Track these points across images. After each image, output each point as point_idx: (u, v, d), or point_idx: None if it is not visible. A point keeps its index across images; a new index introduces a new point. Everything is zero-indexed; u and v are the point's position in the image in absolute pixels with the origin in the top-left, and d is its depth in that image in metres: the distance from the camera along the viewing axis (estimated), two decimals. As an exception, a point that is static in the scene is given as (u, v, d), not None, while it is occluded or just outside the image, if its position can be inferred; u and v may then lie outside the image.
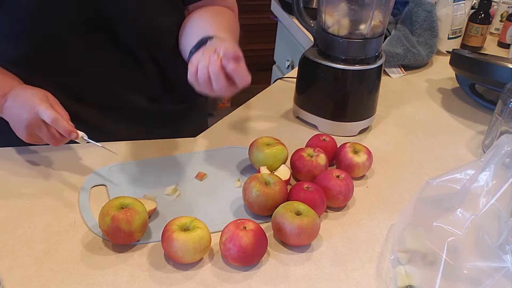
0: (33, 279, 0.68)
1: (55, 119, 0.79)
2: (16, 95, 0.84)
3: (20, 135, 0.83)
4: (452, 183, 0.74)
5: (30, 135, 0.82)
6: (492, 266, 0.63)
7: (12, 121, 0.84)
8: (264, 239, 0.73)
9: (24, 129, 0.81)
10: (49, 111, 0.79)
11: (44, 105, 0.80)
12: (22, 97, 0.83)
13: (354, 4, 0.99)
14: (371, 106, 1.08)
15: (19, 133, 0.83)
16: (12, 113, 0.83)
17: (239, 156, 0.96)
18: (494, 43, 1.65)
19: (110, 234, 0.73)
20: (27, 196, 0.83)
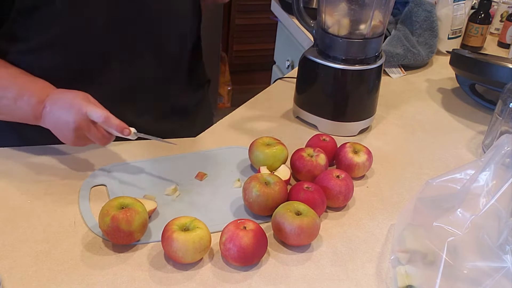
0: (33, 279, 0.68)
1: (107, 117, 0.80)
2: (56, 100, 0.83)
3: (67, 138, 0.82)
4: (452, 183, 0.74)
5: (78, 137, 0.81)
6: (492, 266, 0.63)
7: (57, 125, 0.82)
8: (264, 239, 0.73)
9: (72, 132, 0.80)
10: (99, 111, 0.79)
11: (91, 105, 0.80)
12: (63, 100, 0.82)
13: (354, 4, 0.99)
14: (371, 106, 1.08)
15: (65, 136, 0.82)
16: (56, 118, 0.82)
17: (239, 156, 0.96)
18: (494, 43, 1.65)
19: (110, 234, 0.73)
20: (27, 196, 0.83)
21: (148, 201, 0.80)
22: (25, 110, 0.83)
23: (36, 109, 0.83)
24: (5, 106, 0.84)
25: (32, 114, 0.83)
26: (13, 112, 0.85)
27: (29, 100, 0.83)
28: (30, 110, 0.83)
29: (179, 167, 0.92)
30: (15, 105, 0.84)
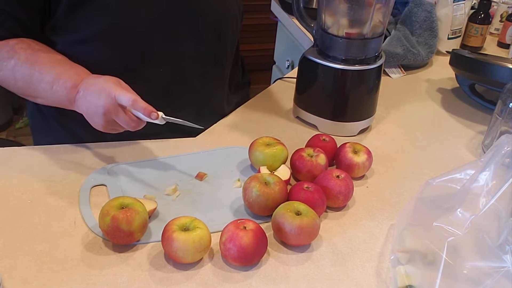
0: (33, 279, 0.68)
1: (135, 100, 0.79)
2: (89, 84, 0.84)
3: (97, 123, 0.83)
4: (452, 183, 0.74)
5: (107, 122, 0.82)
6: (492, 266, 0.63)
7: (88, 110, 0.83)
8: (264, 239, 0.73)
9: (101, 116, 0.81)
10: (127, 94, 0.80)
11: (120, 89, 0.81)
12: (95, 85, 0.83)
13: (354, 4, 0.99)
14: (371, 106, 1.08)
15: (95, 121, 0.83)
16: (88, 102, 0.83)
17: (239, 156, 0.96)
18: (494, 43, 1.65)
19: (110, 234, 0.73)
20: (27, 196, 0.83)
21: (148, 201, 0.80)
22: (60, 94, 0.86)
23: (70, 93, 0.85)
24: (43, 90, 0.87)
25: (66, 98, 0.85)
26: (49, 95, 0.87)
27: (65, 84, 0.85)
28: (65, 94, 0.85)
29: (179, 167, 0.92)
30: (51, 89, 0.86)
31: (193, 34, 0.99)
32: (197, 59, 1.02)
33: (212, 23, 1.00)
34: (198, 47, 1.01)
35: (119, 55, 0.95)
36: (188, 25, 0.97)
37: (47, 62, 0.88)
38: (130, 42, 0.94)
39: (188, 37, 0.99)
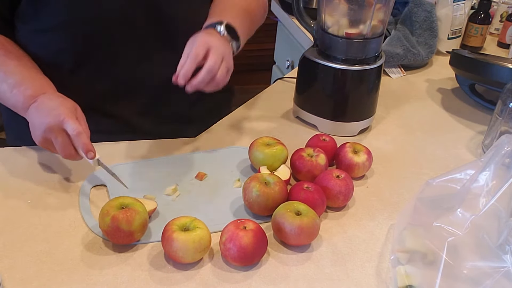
0: (33, 279, 0.68)
1: (79, 133, 0.79)
2: (47, 99, 0.84)
3: (36, 136, 0.83)
4: (452, 183, 0.74)
5: (45, 139, 0.82)
6: (492, 266, 0.63)
7: (34, 121, 0.83)
8: (264, 239, 0.73)
9: (41, 132, 0.81)
10: (75, 125, 0.80)
11: (71, 117, 0.81)
12: (52, 102, 0.83)
13: (354, 4, 0.99)
14: (371, 106, 1.08)
15: (36, 133, 0.83)
16: (37, 114, 0.83)
17: (239, 156, 0.96)
18: (494, 43, 1.65)
19: (110, 234, 0.73)
20: (27, 196, 0.83)
21: (148, 201, 0.80)
22: (17, 99, 0.86)
23: (27, 101, 0.85)
24: (2, 90, 0.87)
25: (22, 104, 0.85)
26: (7, 97, 0.88)
27: (25, 91, 0.86)
28: (22, 100, 0.85)
29: (179, 167, 0.92)
30: (10, 92, 0.86)
31: (157, 38, 0.97)
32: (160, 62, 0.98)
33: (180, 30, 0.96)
34: (163, 51, 0.99)
35: (80, 49, 0.94)
36: (154, 29, 0.96)
37: (15, 66, 0.89)
38: (90, 36, 0.93)
39: (152, 40, 0.97)
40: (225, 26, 0.89)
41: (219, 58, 0.83)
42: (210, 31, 0.88)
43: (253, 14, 1.04)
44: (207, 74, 0.81)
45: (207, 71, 0.81)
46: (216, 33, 0.88)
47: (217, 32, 0.89)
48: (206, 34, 0.86)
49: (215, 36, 0.87)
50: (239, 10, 0.99)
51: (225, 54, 0.85)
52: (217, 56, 0.83)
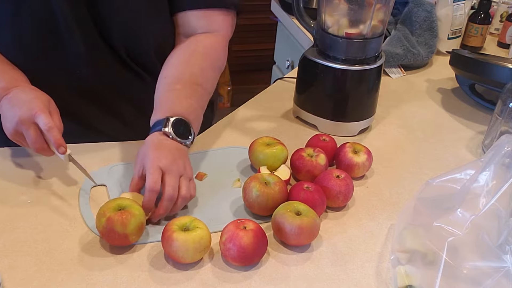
0: (33, 279, 0.68)
1: (51, 128, 0.79)
2: (20, 92, 0.84)
3: (7, 128, 0.82)
4: (452, 183, 0.74)
5: (16, 132, 0.81)
6: (492, 266, 0.63)
7: (6, 113, 0.83)
8: (264, 239, 0.73)
9: (13, 124, 0.80)
10: (47, 119, 0.79)
11: (44, 110, 0.80)
12: (24, 95, 0.83)
13: (354, 4, 0.99)
14: (371, 106, 1.08)
15: (7, 126, 0.82)
16: (9, 106, 0.82)
17: (239, 156, 0.96)
18: (494, 43, 1.65)
19: (105, 235, 0.73)
20: (27, 196, 0.83)
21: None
22: None
23: (0, 94, 0.84)
24: None
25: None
26: None
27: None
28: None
29: (179, 167, 0.92)
30: None
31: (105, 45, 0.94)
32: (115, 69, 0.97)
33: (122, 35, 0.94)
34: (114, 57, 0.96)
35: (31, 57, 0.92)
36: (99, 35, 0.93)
37: None
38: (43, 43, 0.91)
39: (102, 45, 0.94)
40: (173, 125, 0.83)
41: (176, 181, 0.78)
42: (157, 138, 0.83)
43: (205, 82, 0.95)
44: (169, 203, 0.77)
45: (169, 200, 0.77)
46: (164, 138, 0.83)
47: (166, 136, 0.83)
48: (155, 150, 0.80)
49: (164, 149, 0.81)
50: (189, 86, 0.91)
51: (179, 170, 0.80)
52: (173, 181, 0.78)
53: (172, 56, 0.97)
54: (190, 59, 0.95)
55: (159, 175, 0.78)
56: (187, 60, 0.95)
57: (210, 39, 0.98)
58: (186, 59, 0.95)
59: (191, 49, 0.97)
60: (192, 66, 0.94)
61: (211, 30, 0.99)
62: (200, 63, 0.95)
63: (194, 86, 0.92)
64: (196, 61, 0.95)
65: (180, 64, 0.95)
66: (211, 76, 0.96)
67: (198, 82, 0.93)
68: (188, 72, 0.93)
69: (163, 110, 0.87)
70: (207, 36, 0.98)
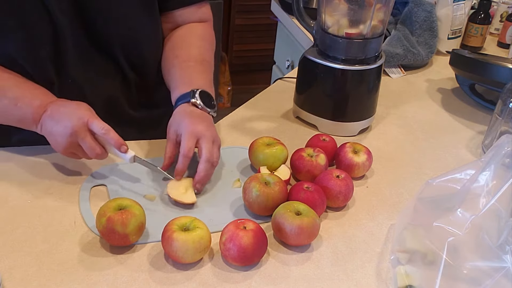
0: (33, 279, 0.68)
1: (108, 130, 0.80)
2: (59, 106, 0.83)
3: (59, 144, 0.81)
4: (452, 183, 0.74)
5: (70, 144, 0.80)
6: (492, 266, 0.63)
7: (53, 130, 0.81)
8: (264, 239, 0.73)
9: (67, 137, 0.79)
10: (101, 123, 0.80)
11: (95, 116, 0.81)
12: (67, 107, 0.82)
13: (354, 4, 0.99)
14: (371, 106, 1.08)
15: (58, 141, 0.81)
16: (55, 122, 0.81)
17: (239, 156, 0.96)
18: (494, 43, 1.65)
19: (105, 235, 0.73)
20: (27, 196, 0.83)
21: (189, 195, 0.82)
22: (25, 111, 0.83)
23: (37, 112, 0.82)
24: (4, 106, 0.84)
25: (31, 116, 0.83)
26: (11, 112, 0.84)
27: (31, 102, 0.83)
28: (30, 112, 0.82)
29: (179, 167, 0.92)
30: (15, 106, 0.83)
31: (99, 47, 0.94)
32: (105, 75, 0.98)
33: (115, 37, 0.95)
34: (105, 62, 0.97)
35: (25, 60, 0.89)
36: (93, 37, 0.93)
37: (9, 79, 0.86)
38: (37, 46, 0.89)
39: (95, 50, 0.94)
40: (199, 96, 0.89)
41: (211, 146, 0.84)
42: (188, 108, 0.88)
43: (210, 60, 1.03)
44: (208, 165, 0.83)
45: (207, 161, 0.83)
46: (194, 109, 0.88)
47: (195, 107, 0.88)
48: (189, 118, 0.85)
49: (197, 117, 0.86)
50: (200, 63, 0.98)
51: (213, 135, 0.86)
52: (209, 145, 0.83)
53: (174, 39, 1.03)
54: (193, 40, 1.03)
55: (194, 142, 0.84)
56: (191, 41, 1.02)
57: (203, 25, 1.07)
58: (190, 41, 1.03)
59: (192, 32, 1.04)
60: (197, 45, 1.02)
61: (202, 20, 1.07)
62: (202, 43, 1.04)
63: (204, 62, 1.00)
64: (198, 42, 1.03)
65: (186, 44, 1.02)
66: (211, 55, 1.05)
67: (206, 59, 1.01)
68: (196, 50, 1.01)
69: (185, 84, 0.92)
70: (200, 24, 1.07)
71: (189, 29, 1.04)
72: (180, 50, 1.00)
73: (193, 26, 1.05)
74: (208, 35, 1.06)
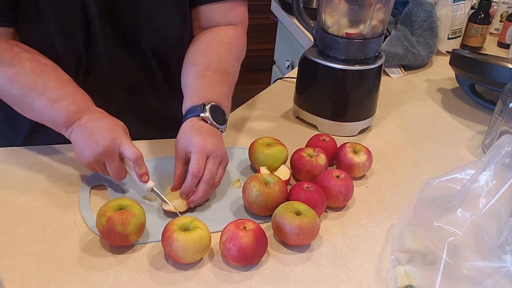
0: (33, 279, 0.68)
1: (138, 157, 0.78)
2: (96, 118, 0.82)
3: (85, 156, 0.80)
4: (452, 183, 0.74)
5: (97, 161, 0.79)
6: (492, 266, 0.63)
7: (84, 141, 0.80)
8: (264, 239, 0.73)
9: (94, 154, 0.78)
10: (134, 148, 0.79)
11: (128, 139, 0.80)
12: (104, 122, 0.81)
13: (354, 4, 0.99)
14: (371, 106, 1.08)
15: (85, 153, 0.80)
16: (88, 133, 0.80)
17: (239, 156, 0.96)
18: (494, 43, 1.65)
19: (105, 235, 0.73)
20: (27, 196, 0.83)
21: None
22: (59, 114, 0.81)
23: (71, 117, 0.81)
24: (41, 105, 0.83)
25: (65, 120, 0.81)
26: (46, 112, 0.83)
27: (69, 106, 0.82)
28: (65, 115, 0.81)
29: (179, 167, 0.92)
30: (51, 107, 0.82)
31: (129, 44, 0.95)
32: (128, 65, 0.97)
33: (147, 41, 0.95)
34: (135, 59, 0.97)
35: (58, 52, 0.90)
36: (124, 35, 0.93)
37: (53, 79, 0.84)
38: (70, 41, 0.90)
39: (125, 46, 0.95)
40: (209, 110, 0.85)
41: (216, 167, 0.82)
42: (197, 123, 0.85)
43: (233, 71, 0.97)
44: (210, 188, 0.81)
45: (209, 184, 0.81)
46: (203, 124, 0.85)
47: (204, 121, 0.85)
48: (199, 135, 0.82)
49: (206, 133, 0.83)
50: (219, 74, 0.93)
51: (222, 154, 0.83)
52: (215, 166, 0.81)
53: (197, 45, 0.98)
54: (217, 48, 0.97)
55: (204, 161, 0.81)
56: (214, 48, 0.97)
57: (233, 30, 1.01)
58: (213, 48, 0.97)
59: (217, 38, 0.99)
60: (220, 54, 0.96)
61: (232, 22, 1.01)
62: (226, 52, 0.97)
63: (224, 73, 0.94)
64: (222, 50, 0.97)
65: (208, 52, 0.96)
66: (236, 65, 0.99)
67: (227, 70, 0.95)
68: (217, 60, 0.95)
69: (197, 96, 0.88)
70: (229, 28, 1.01)
71: (215, 34, 0.99)
72: (199, 58, 0.95)
73: (220, 30, 1.00)
74: (235, 43, 1.00)
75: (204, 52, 0.96)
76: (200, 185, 0.80)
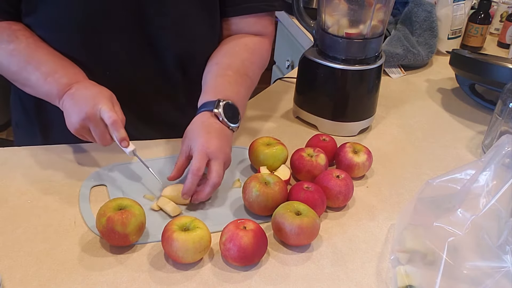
0: (33, 279, 0.68)
1: (115, 121, 0.80)
2: (83, 87, 0.85)
3: (72, 124, 0.82)
4: (452, 183, 0.74)
5: (82, 127, 0.81)
6: (492, 266, 0.63)
7: (70, 109, 0.83)
8: (264, 239, 0.72)
9: (79, 120, 0.80)
10: (111, 113, 0.80)
11: (108, 105, 0.81)
12: (88, 91, 0.84)
13: (354, 4, 0.99)
14: (371, 106, 1.08)
15: (71, 121, 0.82)
16: (73, 101, 0.83)
17: (239, 156, 0.96)
18: (494, 43, 1.65)
19: (105, 235, 0.73)
20: (27, 196, 0.83)
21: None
22: (52, 87, 0.85)
23: (62, 88, 0.85)
24: (36, 79, 0.87)
25: (56, 92, 0.85)
26: (40, 85, 0.87)
27: (60, 79, 0.85)
28: (56, 88, 0.85)
29: (179, 167, 0.92)
30: (45, 80, 0.86)
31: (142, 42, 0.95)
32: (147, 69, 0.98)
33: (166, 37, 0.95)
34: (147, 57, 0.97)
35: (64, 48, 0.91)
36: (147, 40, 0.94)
37: (47, 54, 0.88)
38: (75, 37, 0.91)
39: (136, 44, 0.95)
40: (223, 107, 0.86)
41: (221, 168, 0.81)
42: (208, 119, 0.85)
43: (253, 76, 0.98)
44: (213, 189, 0.81)
45: (213, 186, 0.80)
46: (214, 121, 0.85)
47: (215, 117, 0.85)
48: (205, 134, 0.83)
49: (213, 133, 0.83)
50: (240, 75, 0.94)
51: (225, 157, 0.83)
52: (219, 168, 0.81)
53: (222, 47, 1.00)
54: (241, 51, 0.99)
55: (205, 161, 0.81)
56: (238, 51, 0.99)
57: (260, 38, 1.03)
58: (238, 51, 0.99)
59: (242, 43, 1.00)
60: (243, 57, 0.98)
61: (260, 34, 1.03)
62: (250, 57, 0.99)
63: (244, 76, 0.95)
64: (246, 54, 0.99)
65: (231, 53, 0.98)
66: (257, 71, 1.00)
67: (247, 73, 0.96)
68: (239, 62, 0.97)
69: (213, 92, 0.89)
70: (254, 37, 1.02)
71: (240, 39, 1.01)
72: (222, 58, 0.97)
73: (245, 36, 1.01)
74: (260, 50, 1.01)
75: (227, 53, 0.98)
76: (206, 188, 0.80)
